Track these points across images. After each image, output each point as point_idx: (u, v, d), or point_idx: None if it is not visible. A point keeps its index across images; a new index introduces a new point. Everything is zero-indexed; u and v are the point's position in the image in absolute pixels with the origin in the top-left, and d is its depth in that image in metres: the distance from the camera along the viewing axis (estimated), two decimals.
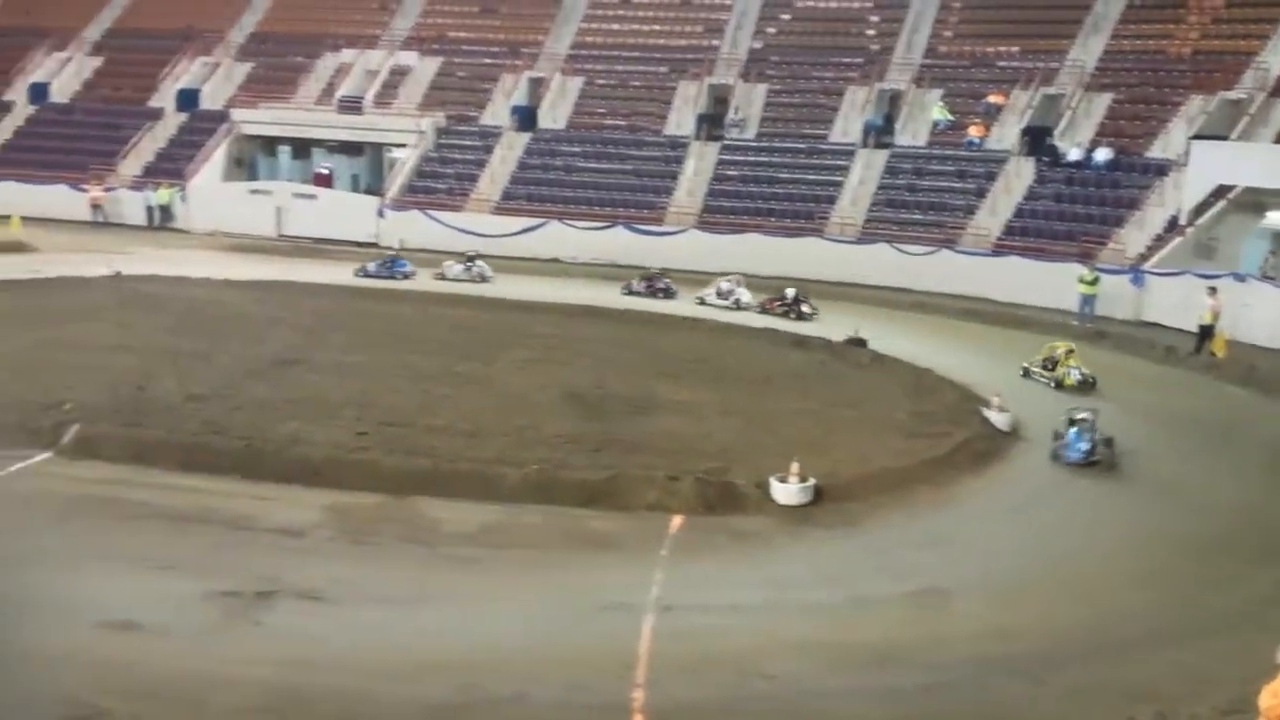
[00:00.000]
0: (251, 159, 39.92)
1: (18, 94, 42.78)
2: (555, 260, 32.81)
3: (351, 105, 39.42)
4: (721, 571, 12.30)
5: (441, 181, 36.85)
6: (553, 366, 20.17)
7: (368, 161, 40.06)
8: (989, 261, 29.94)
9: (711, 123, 36.83)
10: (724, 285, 27.59)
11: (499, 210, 35.46)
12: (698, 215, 34.04)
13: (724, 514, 13.54)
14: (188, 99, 41.15)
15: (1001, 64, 36.44)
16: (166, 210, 37.21)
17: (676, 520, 13.26)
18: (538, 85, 39.86)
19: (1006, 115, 34.19)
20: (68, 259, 28.17)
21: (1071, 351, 20.55)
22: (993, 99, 34.77)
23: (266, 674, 9.30)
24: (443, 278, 29.05)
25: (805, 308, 26.23)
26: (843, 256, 31.25)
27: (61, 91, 43.14)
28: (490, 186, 36.28)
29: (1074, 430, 16.07)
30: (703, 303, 27.16)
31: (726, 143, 36.21)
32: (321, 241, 34.51)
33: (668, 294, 28.30)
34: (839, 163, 34.64)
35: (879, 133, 35.00)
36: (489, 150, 37.50)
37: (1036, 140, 32.61)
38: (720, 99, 38.14)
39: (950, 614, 11.52)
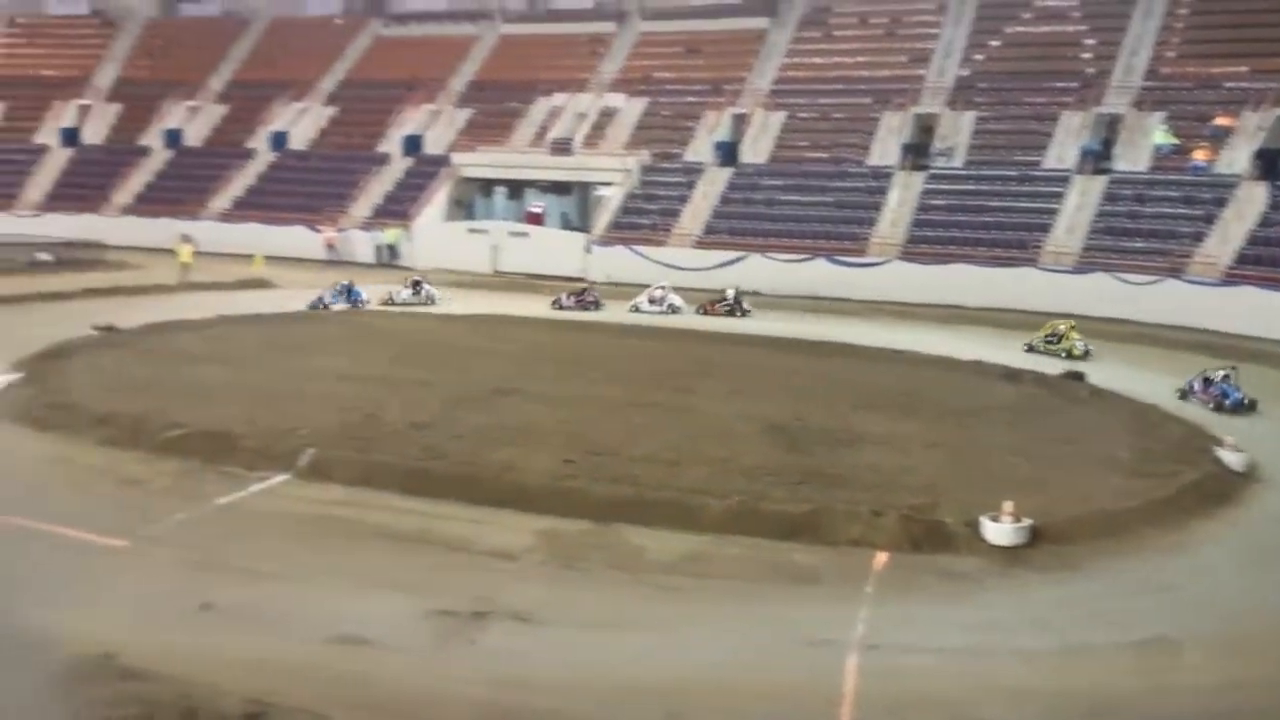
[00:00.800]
0: (470, 200, 41.97)
1: (260, 142, 46.50)
2: (755, 293, 32.90)
3: (562, 147, 40.95)
4: (930, 612, 11.99)
5: (646, 217, 37.68)
6: (751, 397, 20.22)
7: (576, 200, 41.45)
8: (1218, 291, 28.10)
9: (916, 152, 36.20)
10: (656, 292, 29.82)
11: (700, 244, 35.93)
12: (901, 246, 33.45)
13: (931, 552, 13.20)
14: (412, 144, 43.78)
15: (1229, 85, 34.30)
16: (393, 249, 39.58)
17: (881, 557, 13.03)
18: (740, 121, 40.28)
19: (1236, 138, 32.09)
20: (305, 295, 30.32)
21: (1073, 326, 24.68)
22: (1221, 121, 32.72)
23: (480, 693, 9.70)
24: (391, 302, 30.21)
25: (746, 306, 29.33)
26: (1058, 286, 30.02)
27: (299, 139, 46.63)
28: (692, 221, 36.84)
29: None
30: (636, 310, 29.31)
31: (932, 172, 35.49)
32: (533, 277, 35.85)
33: (597, 306, 30.65)
34: (1053, 189, 33.36)
35: (1096, 158, 33.50)
36: (691, 186, 38.10)
37: (1270, 164, 30.42)
38: (926, 128, 37.48)
39: (1174, 665, 10.86)
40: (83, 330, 23.93)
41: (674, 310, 29.58)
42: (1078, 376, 21.86)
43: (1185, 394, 20.38)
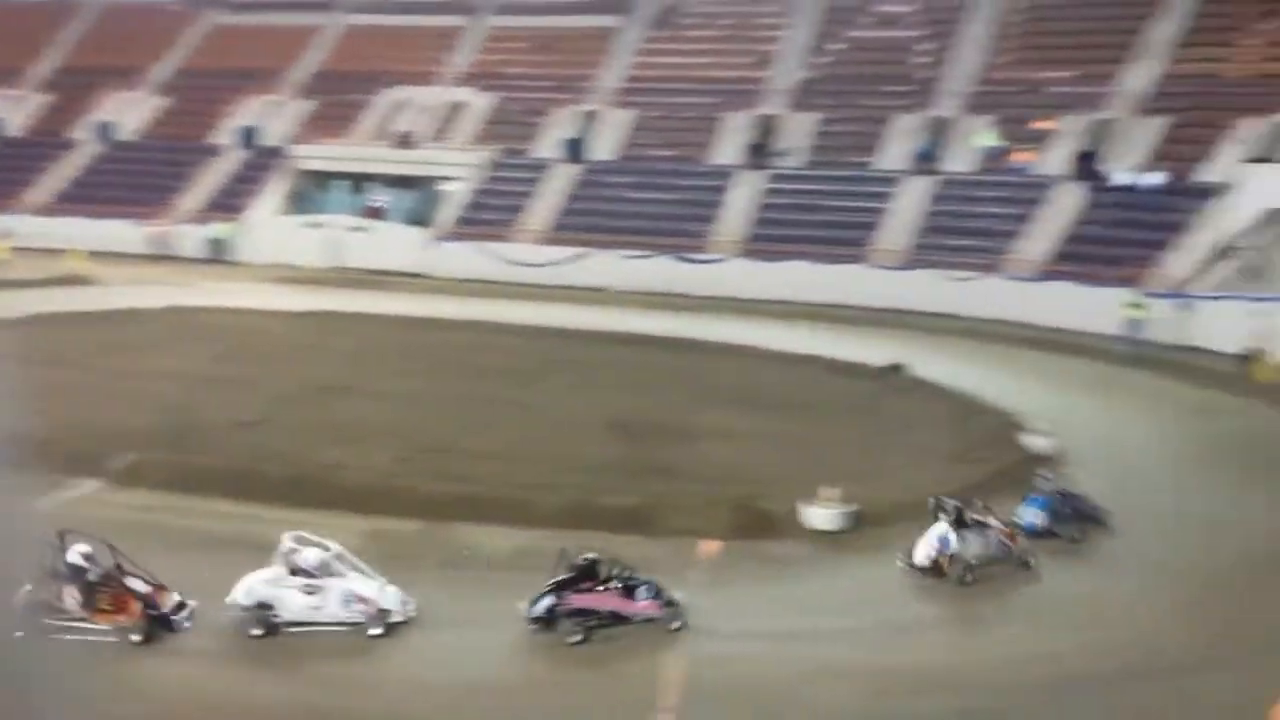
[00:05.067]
0: (308, 193, 40.80)
1: (85, 132, 44.18)
2: (601, 289, 33.07)
3: (407, 140, 40.22)
4: (756, 597, 12.34)
5: (493, 213, 37.36)
6: (594, 393, 20.35)
7: (421, 195, 40.77)
8: (1035, 287, 29.58)
9: (759, 152, 36.97)
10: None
11: (549, 240, 35.85)
12: (742, 243, 34.10)
13: (757, 539, 13.57)
14: (249, 136, 42.28)
15: (1052, 90, 36.13)
16: (224, 243, 38.16)
17: (711, 546, 13.30)
18: (589, 118, 40.34)
19: (1056, 140, 33.89)
20: (128, 291, 28.99)
21: None
22: (1042, 124, 34.48)
23: (297, 696, 9.52)
24: None
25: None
26: (887, 283, 31.09)
27: (128, 129, 44.49)
28: (541, 217, 36.73)
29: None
30: None
31: (774, 171, 36.31)
32: (375, 272, 35.17)
33: None
34: (885, 190, 34.53)
35: (927, 159, 34.88)
36: (539, 182, 37.98)
37: (1086, 165, 32.26)
38: (767, 128, 38.29)
39: (986, 640, 11.46)
40: None
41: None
42: (896, 370, 22.66)
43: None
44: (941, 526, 12.67)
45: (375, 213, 38.83)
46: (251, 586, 10.99)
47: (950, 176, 34.25)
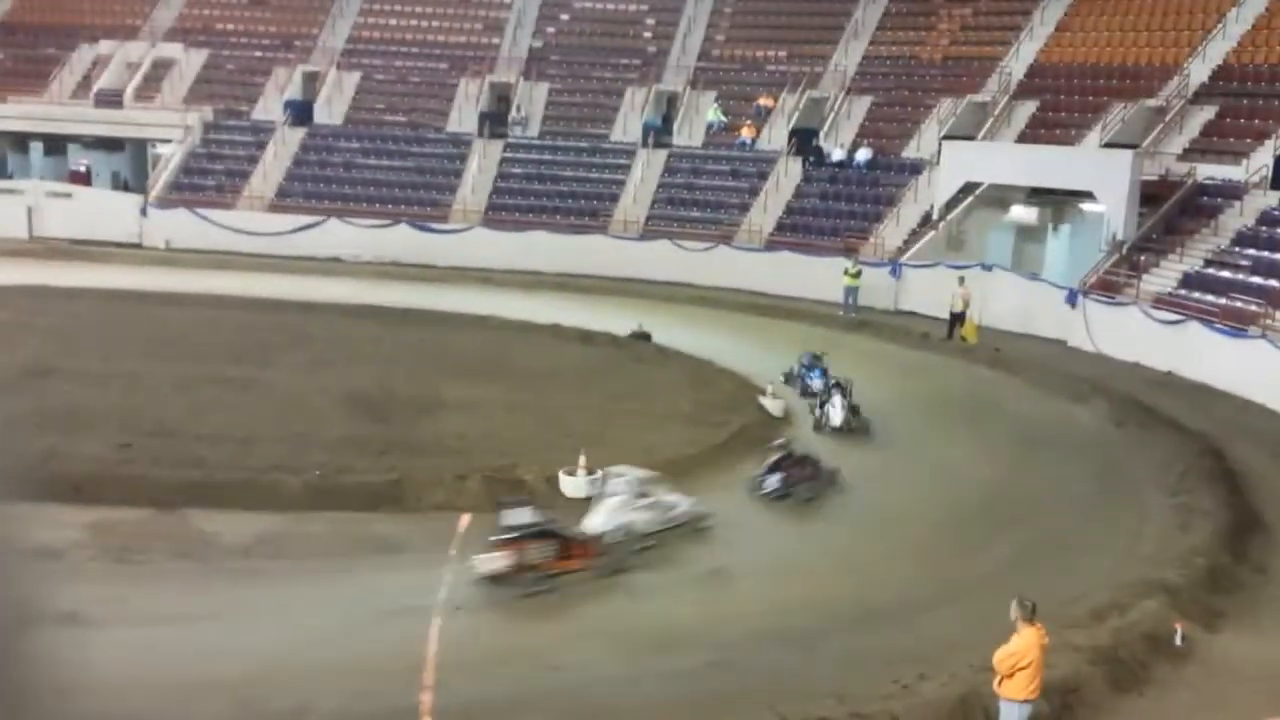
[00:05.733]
0: (0, 157, 36.92)
1: None
2: (336, 259, 31.89)
3: (111, 99, 37.01)
4: None
5: (211, 178, 35.13)
6: (333, 368, 19.65)
7: (129, 158, 37.75)
8: (762, 257, 31.14)
9: (494, 120, 36.67)
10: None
11: (274, 208, 34.12)
12: (483, 213, 33.84)
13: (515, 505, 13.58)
14: None
15: (770, 68, 37.90)
16: None
17: (465, 519, 13.23)
18: (312, 80, 38.57)
19: (776, 117, 35.61)
20: None
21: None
22: (763, 101, 36.13)
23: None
24: None
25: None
26: (625, 253, 31.78)
27: None
28: (264, 183, 34.87)
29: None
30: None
31: (510, 141, 36.15)
32: (80, 243, 32.30)
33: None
34: (620, 162, 35.19)
35: (658, 133, 35.78)
36: (261, 146, 36.00)
37: (803, 141, 34.13)
38: (502, 97, 38.03)
39: (731, 594, 12.02)
40: None
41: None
42: (645, 337, 23.36)
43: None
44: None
45: (80, 177, 35.62)
46: (608, 519, 12.48)
47: (680, 150, 35.31)
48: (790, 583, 12.30)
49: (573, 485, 14.15)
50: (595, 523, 12.56)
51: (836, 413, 17.58)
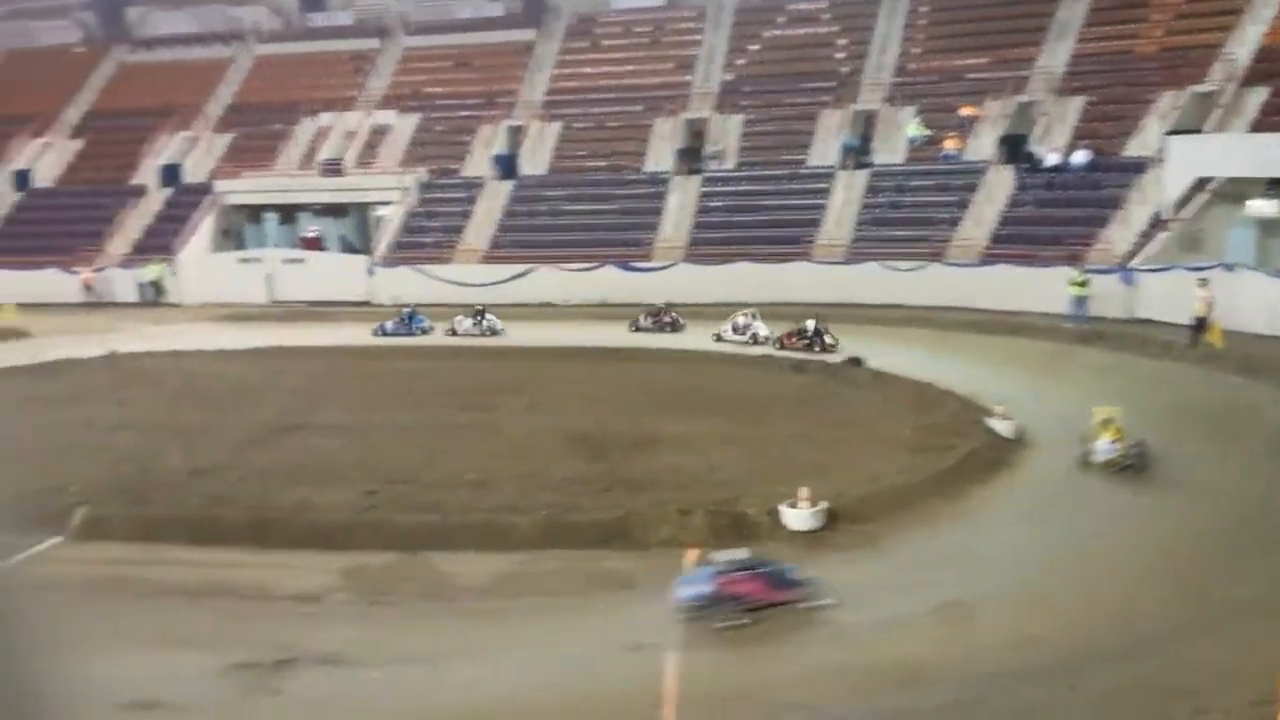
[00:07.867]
0: (239, 229, 40.07)
1: (2, 182, 42.94)
2: (548, 305, 32.87)
3: (333, 167, 39.65)
4: None
5: (428, 235, 36.97)
6: (550, 410, 20.15)
7: (354, 222, 40.20)
8: (978, 271, 30.00)
9: (690, 156, 37.06)
10: (740, 320, 26.98)
11: (487, 259, 35.56)
12: (685, 248, 34.15)
13: (738, 544, 13.48)
14: (170, 174, 41.38)
15: (972, 76, 36.69)
16: (157, 286, 37.27)
17: (691, 554, 13.21)
18: (516, 133, 40.12)
19: (981, 126, 34.42)
20: (63, 341, 28.15)
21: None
22: (966, 111, 35.00)
23: None
24: (454, 333, 28.89)
25: (828, 339, 24.92)
26: (832, 278, 31.30)
27: (44, 176, 43.36)
28: (477, 236, 36.42)
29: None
30: (719, 339, 26.63)
31: (707, 175, 36.42)
32: (315, 304, 34.60)
33: (675, 327, 28.34)
34: (820, 186, 34.79)
35: (857, 153, 35.19)
36: (473, 201, 37.66)
37: (1014, 148, 32.79)
38: (697, 132, 38.39)
39: (977, 627, 11.47)
40: None
41: (756, 341, 26.07)
42: (857, 362, 22.87)
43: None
44: None
45: (312, 243, 38.22)
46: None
47: (882, 168, 34.62)
48: (1042, 613, 11.63)
49: (796, 518, 13.92)
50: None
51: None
